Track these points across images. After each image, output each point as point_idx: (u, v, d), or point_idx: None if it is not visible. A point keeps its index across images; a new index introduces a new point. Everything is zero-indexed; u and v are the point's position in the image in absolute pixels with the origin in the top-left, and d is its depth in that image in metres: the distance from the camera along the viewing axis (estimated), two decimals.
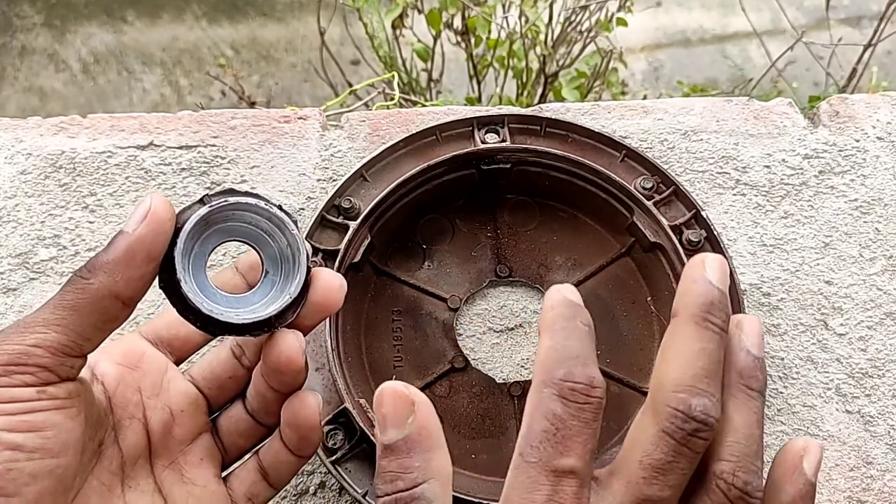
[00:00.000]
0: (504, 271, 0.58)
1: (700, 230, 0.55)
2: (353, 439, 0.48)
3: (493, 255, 0.58)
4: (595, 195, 0.57)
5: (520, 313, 0.57)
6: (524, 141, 0.58)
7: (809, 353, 0.56)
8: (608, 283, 0.57)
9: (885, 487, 0.52)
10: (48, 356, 0.32)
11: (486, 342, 0.57)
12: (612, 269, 0.58)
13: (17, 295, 0.56)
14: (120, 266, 0.33)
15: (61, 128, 0.62)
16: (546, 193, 0.59)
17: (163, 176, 0.60)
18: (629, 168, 0.57)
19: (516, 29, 1.23)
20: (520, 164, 0.57)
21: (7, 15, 1.94)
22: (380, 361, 0.54)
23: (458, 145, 0.57)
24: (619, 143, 0.58)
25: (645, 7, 1.71)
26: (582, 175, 0.57)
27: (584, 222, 0.59)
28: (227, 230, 0.38)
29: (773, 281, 0.58)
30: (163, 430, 0.39)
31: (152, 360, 0.40)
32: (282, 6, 2.01)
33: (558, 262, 0.58)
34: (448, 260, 0.58)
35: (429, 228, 0.59)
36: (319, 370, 0.51)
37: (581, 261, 0.58)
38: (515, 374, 0.55)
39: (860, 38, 1.33)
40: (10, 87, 1.84)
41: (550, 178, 0.58)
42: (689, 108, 0.64)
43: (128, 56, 1.90)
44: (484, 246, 0.59)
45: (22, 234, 0.58)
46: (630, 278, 0.58)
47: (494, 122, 0.58)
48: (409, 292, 0.57)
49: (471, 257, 0.58)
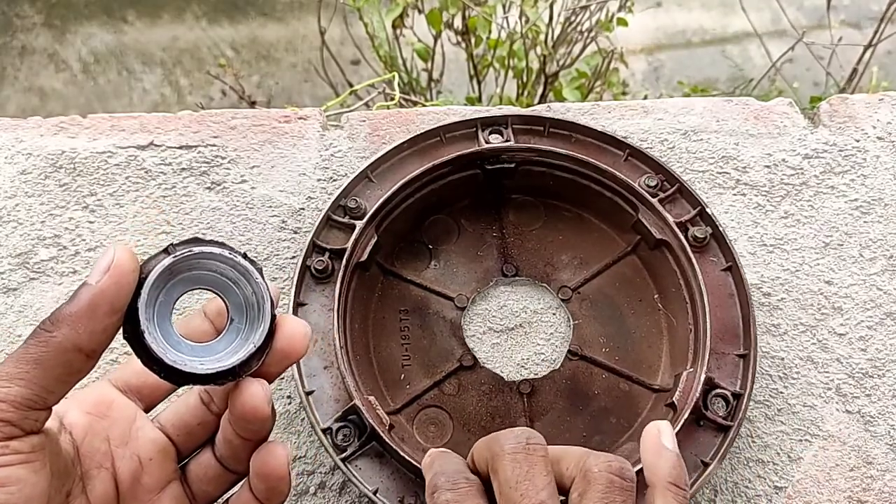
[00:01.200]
0: (510, 270, 0.58)
1: (705, 227, 0.55)
2: (363, 437, 0.48)
3: (499, 255, 0.59)
4: (600, 194, 0.57)
5: (526, 311, 0.58)
6: (528, 141, 0.58)
7: (809, 352, 0.56)
8: (615, 282, 0.58)
9: (885, 487, 0.52)
10: (12, 410, 0.32)
11: (494, 340, 0.57)
12: (619, 268, 0.58)
13: (17, 295, 0.56)
14: (83, 319, 0.33)
15: (61, 128, 0.62)
16: (551, 193, 0.59)
17: (163, 176, 0.60)
18: (633, 166, 0.58)
19: (517, 29, 1.23)
20: (524, 163, 0.57)
21: (7, 15, 1.94)
22: (388, 360, 0.54)
23: (462, 146, 0.58)
24: (623, 141, 0.58)
25: (645, 7, 1.71)
26: (586, 174, 0.57)
27: (590, 221, 0.59)
28: (192, 279, 0.37)
29: (774, 281, 0.58)
30: (131, 479, 0.39)
31: (121, 408, 0.40)
32: (282, 6, 2.01)
33: (564, 260, 0.58)
34: (454, 259, 0.58)
35: (435, 228, 0.59)
36: (328, 368, 0.51)
37: (587, 259, 0.58)
38: (523, 373, 0.55)
39: (861, 39, 1.33)
40: (10, 87, 1.84)
41: (555, 178, 0.58)
42: (690, 108, 0.64)
43: (128, 56, 1.90)
44: (490, 245, 0.59)
45: (22, 234, 0.58)
46: (636, 276, 0.58)
47: (498, 123, 0.58)
48: (416, 292, 0.57)
49: (477, 257, 0.58)
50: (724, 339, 0.52)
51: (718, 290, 0.54)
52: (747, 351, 0.52)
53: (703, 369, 0.50)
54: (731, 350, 0.52)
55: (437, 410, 0.53)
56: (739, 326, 0.53)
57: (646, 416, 0.53)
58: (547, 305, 0.57)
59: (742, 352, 0.52)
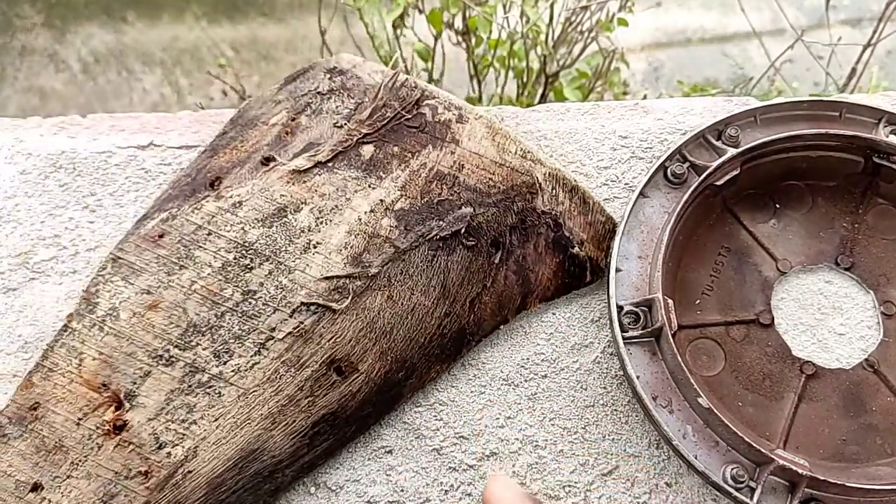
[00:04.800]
0: (845, 262, 0.58)
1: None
2: (648, 329, 0.51)
3: (840, 244, 0.58)
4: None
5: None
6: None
7: None
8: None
9: None
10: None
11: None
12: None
13: (17, 295, 0.56)
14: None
15: (61, 128, 0.62)
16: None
17: (163, 176, 0.60)
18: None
19: (517, 29, 1.23)
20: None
21: (7, 15, 1.94)
22: (692, 282, 0.56)
23: (859, 129, 0.58)
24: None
25: (645, 7, 1.71)
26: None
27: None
28: None
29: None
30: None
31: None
32: (282, 6, 2.01)
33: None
34: (795, 228, 0.59)
35: (789, 192, 0.60)
36: (642, 258, 0.54)
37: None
38: (809, 353, 0.55)
39: (860, 38, 1.33)
40: (10, 87, 1.84)
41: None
42: (690, 108, 0.64)
43: (128, 56, 1.90)
44: (836, 233, 0.59)
45: (22, 234, 0.58)
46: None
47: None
48: (745, 237, 0.58)
49: (818, 236, 0.59)
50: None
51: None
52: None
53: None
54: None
55: (715, 346, 0.55)
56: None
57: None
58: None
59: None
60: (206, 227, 0.54)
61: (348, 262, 0.54)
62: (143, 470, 0.49)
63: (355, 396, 0.52)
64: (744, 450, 0.48)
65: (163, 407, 0.50)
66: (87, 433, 0.50)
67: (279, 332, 0.52)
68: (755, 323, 0.56)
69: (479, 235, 0.56)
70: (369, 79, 0.61)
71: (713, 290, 0.57)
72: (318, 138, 0.58)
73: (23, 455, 0.49)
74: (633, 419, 0.54)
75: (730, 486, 0.47)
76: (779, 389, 0.54)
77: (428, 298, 0.54)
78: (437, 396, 0.54)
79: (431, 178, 0.57)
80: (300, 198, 0.56)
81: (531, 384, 0.55)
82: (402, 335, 0.53)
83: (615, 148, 0.62)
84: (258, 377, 0.51)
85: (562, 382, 0.55)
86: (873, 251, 0.58)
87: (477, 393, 0.55)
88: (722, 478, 0.48)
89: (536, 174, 0.58)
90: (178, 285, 0.53)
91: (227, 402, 0.51)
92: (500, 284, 0.55)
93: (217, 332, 0.52)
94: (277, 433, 0.50)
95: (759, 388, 0.54)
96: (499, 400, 0.54)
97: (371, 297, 0.53)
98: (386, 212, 0.55)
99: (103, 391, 0.51)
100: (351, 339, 0.52)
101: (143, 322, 0.52)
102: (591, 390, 0.55)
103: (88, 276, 0.57)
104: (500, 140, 0.59)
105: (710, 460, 0.48)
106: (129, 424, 0.50)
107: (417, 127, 0.58)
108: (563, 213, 0.57)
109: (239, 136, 0.59)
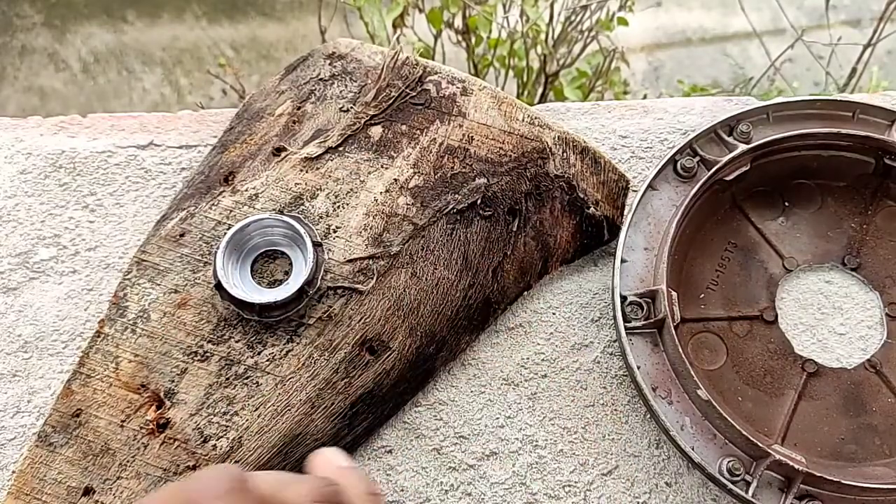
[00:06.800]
0: (852, 263, 0.58)
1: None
2: (651, 320, 0.51)
3: (848, 245, 0.58)
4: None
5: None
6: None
7: None
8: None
9: None
10: None
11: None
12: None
13: (17, 295, 0.56)
14: None
15: (61, 127, 0.62)
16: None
17: (163, 175, 0.60)
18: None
19: (517, 28, 1.23)
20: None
21: (7, 15, 1.94)
22: (696, 275, 0.57)
23: (871, 130, 0.58)
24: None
25: (645, 7, 1.71)
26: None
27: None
28: (256, 246, 0.54)
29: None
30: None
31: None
32: (282, 6, 2.01)
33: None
34: (803, 226, 0.59)
35: (799, 191, 0.60)
36: (648, 250, 0.54)
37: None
38: (810, 351, 0.56)
39: (860, 38, 1.33)
40: (10, 87, 1.84)
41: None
42: (690, 108, 0.64)
43: (128, 56, 1.90)
44: (844, 233, 0.59)
45: (22, 234, 0.58)
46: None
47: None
48: (752, 234, 0.58)
49: (826, 236, 0.59)
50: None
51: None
52: None
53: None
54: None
55: (717, 340, 0.55)
56: None
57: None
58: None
59: None
60: (226, 222, 0.54)
61: (369, 243, 0.54)
62: (191, 464, 0.49)
63: (389, 374, 0.52)
64: (741, 443, 0.48)
65: (203, 402, 0.50)
66: (131, 434, 0.50)
67: (309, 318, 0.52)
68: (759, 319, 0.56)
69: (496, 205, 0.56)
70: (369, 60, 0.61)
71: (718, 284, 0.57)
72: (325, 124, 0.58)
73: (70, 461, 0.49)
74: (633, 419, 0.54)
75: (725, 479, 0.48)
76: (779, 386, 0.54)
77: (451, 272, 0.54)
78: (437, 396, 0.54)
79: (442, 152, 0.57)
80: (315, 184, 0.56)
81: (531, 384, 0.55)
82: (429, 310, 0.53)
83: (615, 148, 0.63)
84: (293, 364, 0.51)
85: (562, 382, 0.55)
86: (880, 253, 0.58)
87: (477, 393, 0.55)
88: (718, 470, 0.48)
89: (546, 139, 0.58)
90: (204, 281, 0.53)
91: (265, 391, 0.51)
92: (520, 251, 0.56)
93: (248, 324, 0.52)
94: (318, 417, 0.51)
95: (759, 384, 0.54)
96: (499, 400, 0.54)
97: (395, 275, 0.53)
98: (401, 190, 0.55)
99: (143, 392, 0.51)
100: (380, 319, 0.52)
101: (174, 321, 0.52)
102: (591, 390, 0.55)
103: (88, 276, 0.57)
104: (507, 108, 0.59)
105: (706, 452, 0.49)
106: (172, 422, 0.50)
107: (423, 104, 0.58)
108: (575, 175, 0.57)
109: (247, 130, 0.59)
